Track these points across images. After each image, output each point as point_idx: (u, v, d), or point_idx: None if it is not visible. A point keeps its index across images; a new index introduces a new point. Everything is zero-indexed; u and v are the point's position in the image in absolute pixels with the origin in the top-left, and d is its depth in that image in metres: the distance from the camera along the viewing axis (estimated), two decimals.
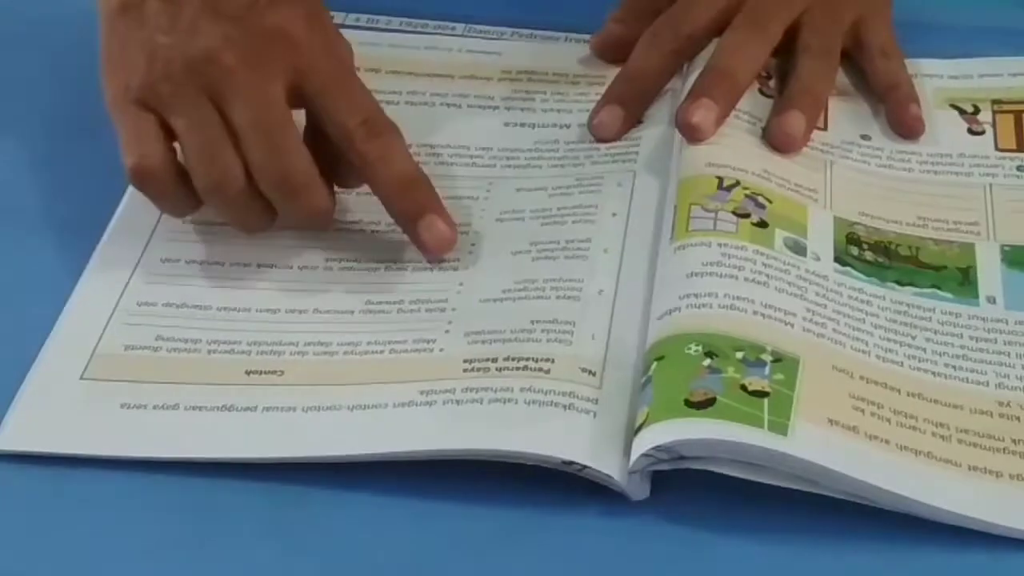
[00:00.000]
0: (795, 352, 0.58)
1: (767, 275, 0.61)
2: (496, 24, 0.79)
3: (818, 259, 0.63)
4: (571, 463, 0.56)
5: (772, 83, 0.71)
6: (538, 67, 0.76)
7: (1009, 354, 0.60)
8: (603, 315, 0.62)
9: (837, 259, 0.63)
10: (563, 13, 0.79)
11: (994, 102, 0.72)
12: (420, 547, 0.55)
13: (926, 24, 0.77)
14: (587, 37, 0.76)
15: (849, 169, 0.69)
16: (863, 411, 0.57)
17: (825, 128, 0.71)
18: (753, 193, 0.64)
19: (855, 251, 0.64)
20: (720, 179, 0.65)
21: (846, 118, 0.72)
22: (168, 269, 0.65)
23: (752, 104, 0.70)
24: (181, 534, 0.56)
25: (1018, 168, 0.69)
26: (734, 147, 0.67)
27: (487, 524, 0.56)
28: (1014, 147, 0.70)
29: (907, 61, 0.74)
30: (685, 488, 0.56)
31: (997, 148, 0.70)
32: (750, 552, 0.55)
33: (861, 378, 0.58)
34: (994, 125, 0.71)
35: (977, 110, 0.72)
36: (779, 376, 0.57)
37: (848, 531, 0.55)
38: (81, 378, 0.60)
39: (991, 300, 0.63)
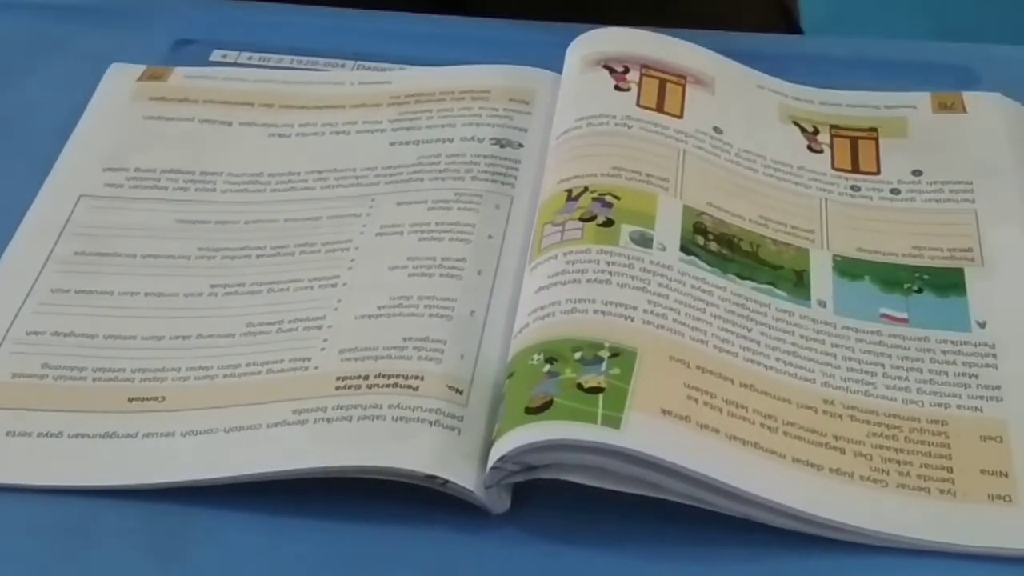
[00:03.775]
0: (633, 345, 0.60)
1: (610, 272, 0.63)
2: (385, 60, 0.80)
3: (664, 249, 0.64)
4: (434, 477, 0.57)
5: (628, 75, 0.73)
6: (425, 89, 0.77)
7: (835, 355, 0.63)
8: (473, 336, 0.63)
9: (683, 248, 0.65)
10: (457, 48, 0.80)
11: (832, 126, 0.75)
12: (295, 566, 0.57)
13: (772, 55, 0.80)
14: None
15: (700, 160, 0.70)
16: (696, 400, 0.59)
17: (681, 116, 0.72)
18: (600, 195, 0.66)
19: (701, 240, 0.66)
20: (569, 191, 0.67)
21: (701, 108, 0.73)
22: (58, 299, 0.66)
23: (606, 103, 0.72)
24: (57, 558, 0.57)
25: (852, 187, 0.72)
26: (584, 156, 0.69)
27: (354, 541, 0.57)
28: (849, 168, 0.73)
29: (753, 72, 0.77)
30: (545, 501, 0.58)
31: (834, 167, 0.73)
32: (607, 564, 0.57)
33: (697, 367, 0.60)
34: (831, 146, 0.74)
35: (817, 131, 0.75)
36: (615, 371, 0.58)
37: (712, 541, 0.57)
38: None
39: (822, 304, 0.65)
